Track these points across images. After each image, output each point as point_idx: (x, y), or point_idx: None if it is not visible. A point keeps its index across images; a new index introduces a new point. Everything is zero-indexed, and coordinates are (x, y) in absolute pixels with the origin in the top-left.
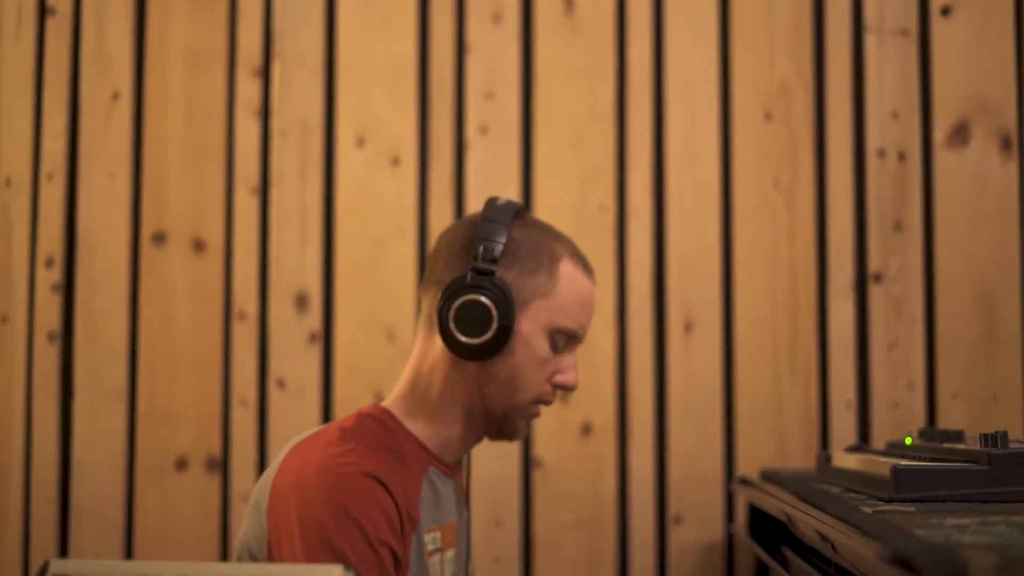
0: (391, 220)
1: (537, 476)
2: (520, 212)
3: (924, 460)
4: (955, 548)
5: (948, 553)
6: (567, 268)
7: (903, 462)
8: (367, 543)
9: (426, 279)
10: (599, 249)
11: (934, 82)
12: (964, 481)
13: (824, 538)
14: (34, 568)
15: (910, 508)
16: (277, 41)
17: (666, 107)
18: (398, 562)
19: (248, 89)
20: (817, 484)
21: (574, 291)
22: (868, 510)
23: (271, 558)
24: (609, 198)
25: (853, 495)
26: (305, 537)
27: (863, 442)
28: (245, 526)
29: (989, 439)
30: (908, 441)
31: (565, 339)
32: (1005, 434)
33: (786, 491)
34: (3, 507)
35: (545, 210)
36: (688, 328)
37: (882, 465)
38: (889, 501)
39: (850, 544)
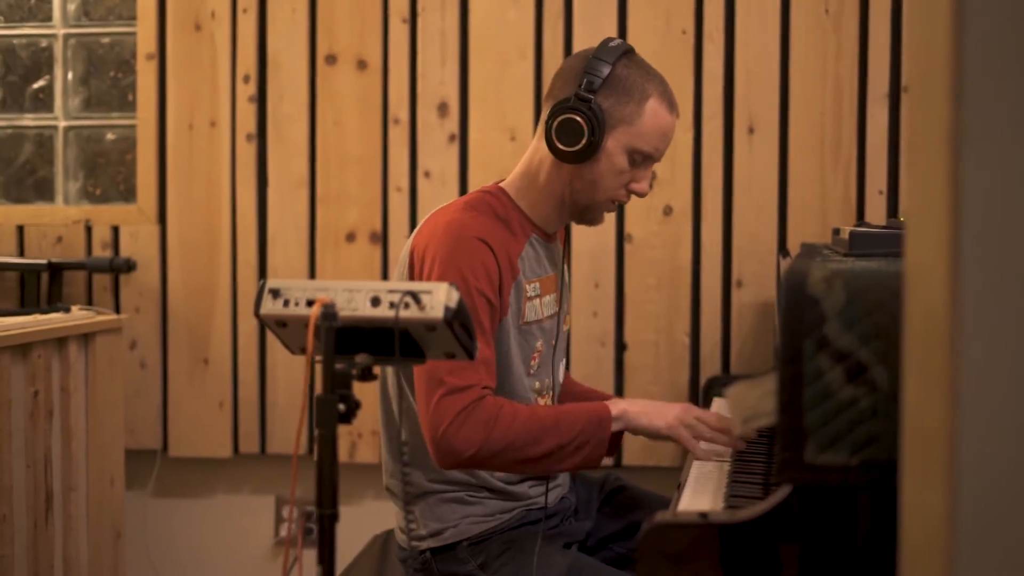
0: (514, 43)
1: (627, 248)
2: (628, 52)
3: (885, 228)
4: (812, 267)
5: (804, 269)
6: (653, 104)
7: (862, 229)
8: (467, 290)
9: (548, 92)
10: (680, 66)
11: None
12: (900, 243)
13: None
14: (241, 315)
15: (851, 261)
16: None
17: None
18: (492, 306)
19: None
20: (822, 249)
21: (655, 123)
22: (818, 260)
23: None
24: (689, 24)
25: (830, 254)
26: (429, 275)
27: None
28: (395, 276)
29: None
30: (901, 219)
31: (642, 158)
32: None
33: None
34: (216, 272)
35: (637, 34)
36: (751, 130)
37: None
38: (844, 256)
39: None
